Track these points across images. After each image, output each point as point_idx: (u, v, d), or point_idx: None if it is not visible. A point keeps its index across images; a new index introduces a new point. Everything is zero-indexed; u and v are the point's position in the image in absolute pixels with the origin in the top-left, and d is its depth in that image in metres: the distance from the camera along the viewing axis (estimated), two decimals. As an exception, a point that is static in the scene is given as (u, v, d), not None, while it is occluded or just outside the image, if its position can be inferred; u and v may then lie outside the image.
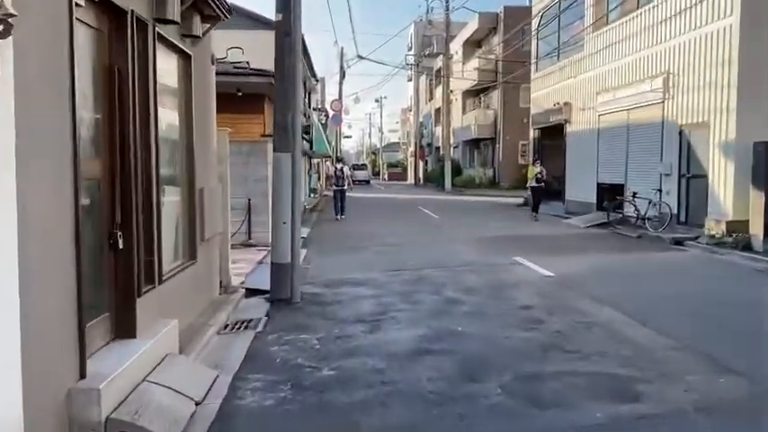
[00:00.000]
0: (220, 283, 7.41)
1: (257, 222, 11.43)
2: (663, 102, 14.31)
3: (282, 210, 7.07)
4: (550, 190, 24.00)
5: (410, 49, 59.05)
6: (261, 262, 9.71)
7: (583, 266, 9.45)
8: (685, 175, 13.57)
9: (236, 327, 6.12)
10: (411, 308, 6.59)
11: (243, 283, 8.06)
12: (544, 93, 22.48)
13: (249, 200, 11.32)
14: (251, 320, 6.32)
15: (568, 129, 20.28)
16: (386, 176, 75.84)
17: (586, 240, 13.20)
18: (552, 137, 22.79)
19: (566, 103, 20.18)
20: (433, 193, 36.23)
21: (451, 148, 38.94)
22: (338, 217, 18.87)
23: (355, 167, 57.60)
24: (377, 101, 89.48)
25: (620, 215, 15.83)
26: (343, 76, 33.44)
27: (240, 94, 17.13)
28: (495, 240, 12.87)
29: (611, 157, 17.14)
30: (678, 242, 12.39)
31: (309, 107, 30.78)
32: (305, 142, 24.71)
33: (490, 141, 36.45)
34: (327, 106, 32.90)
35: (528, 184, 18.58)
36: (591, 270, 9.17)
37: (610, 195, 17.35)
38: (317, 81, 32.68)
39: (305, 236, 13.70)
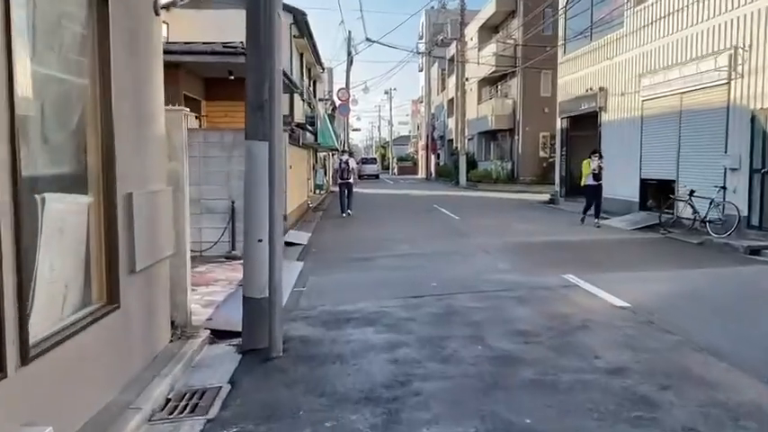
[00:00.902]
0: (173, 324, 5.31)
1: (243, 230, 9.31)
2: (729, 82, 12.03)
3: (257, 221, 4.96)
4: (577, 184, 21.81)
5: (421, 38, 56.80)
6: (243, 284, 7.61)
7: (658, 289, 7.26)
8: (760, 169, 11.30)
9: (182, 405, 4.01)
10: (444, 371, 4.43)
11: (209, 319, 5.94)
12: (574, 77, 20.21)
13: (233, 202, 9.22)
14: (205, 392, 4.21)
15: (603, 117, 18.00)
16: (395, 171, 73.76)
17: (640, 249, 10.99)
18: (583, 127, 20.50)
19: (601, 89, 17.91)
20: (446, 188, 34.01)
21: (466, 141, 36.72)
22: (344, 214, 17.29)
23: (364, 161, 55.63)
24: (386, 92, 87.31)
25: (672, 216, 13.60)
26: (350, 62, 31.27)
27: (232, 77, 15.07)
28: (532, 248, 10.69)
29: (659, 148, 14.88)
30: (755, 251, 10.16)
31: (315, 97, 28.66)
32: (308, 134, 22.61)
33: (508, 133, 34.17)
34: (335, 97, 30.74)
35: (583, 182, 15.32)
36: (672, 296, 6.98)
37: (656, 193, 15.15)
38: (323, 69, 30.54)
39: (304, 242, 11.61)
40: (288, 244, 11.48)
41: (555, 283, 7.58)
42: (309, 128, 22.50)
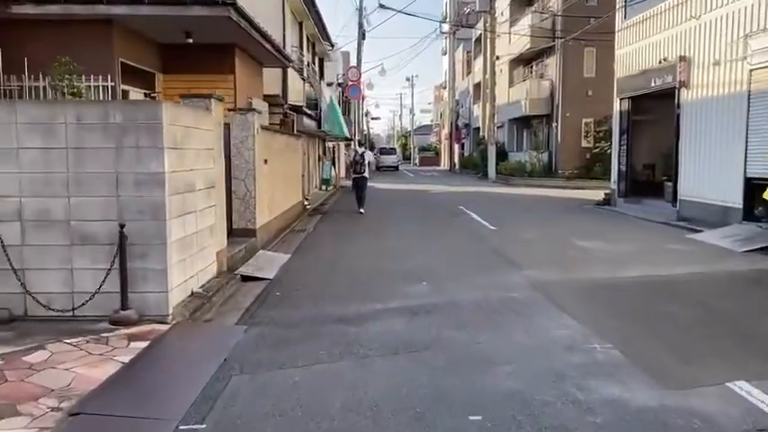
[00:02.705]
0: None
1: (142, 271, 5.47)
2: None
3: None
4: (640, 180, 17.66)
5: (445, 18, 52.47)
6: (106, 387, 3.76)
7: None
8: None
9: None
10: None
11: None
12: (639, 47, 15.97)
13: (122, 226, 5.35)
14: None
15: (684, 95, 13.77)
16: (417, 161, 69.91)
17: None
18: (651, 109, 16.34)
19: (681, 58, 13.67)
20: (473, 182, 29.94)
21: (495, 129, 32.50)
22: (361, 210, 15.65)
23: (382, 152, 51.83)
24: (408, 79, 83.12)
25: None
26: (362, 36, 27.11)
27: (191, 41, 11.23)
28: (626, 296, 6.67)
29: (778, 135, 10.71)
30: None
31: (322, 78, 24.75)
32: (307, 120, 18.72)
33: (545, 119, 29.88)
34: (347, 79, 26.71)
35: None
36: None
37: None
38: (332, 46, 26.52)
39: (270, 276, 7.76)
40: (246, 279, 7.66)
41: (732, 417, 3.57)
42: (309, 112, 18.62)
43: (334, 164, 25.86)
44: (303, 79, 19.31)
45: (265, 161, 10.33)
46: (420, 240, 10.90)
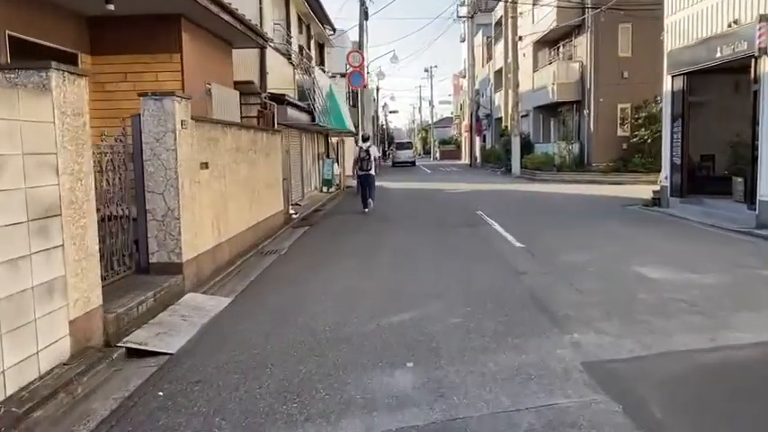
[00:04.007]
0: None
1: None
2: None
3: None
4: (697, 175, 14.61)
5: (463, 2, 49.33)
6: None
7: None
8: None
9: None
10: None
11: None
12: (698, 10, 12.87)
13: None
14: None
15: (766, 67, 10.68)
16: (437, 155, 67.09)
17: None
18: (711, 87, 13.28)
19: (762, 18, 10.56)
20: (495, 178, 26.97)
21: (519, 118, 29.41)
22: (366, 209, 14.90)
23: (398, 147, 49.20)
24: (426, 70, 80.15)
25: None
26: (365, 15, 24.07)
27: (112, 7, 8.51)
28: (752, 398, 3.77)
29: None
30: None
31: (321, 66, 21.97)
32: (299, 112, 15.98)
33: (574, 106, 26.72)
34: (348, 63, 23.85)
35: None
36: None
37: None
38: (333, 31, 23.72)
39: (171, 352, 5.03)
40: (132, 353, 4.96)
41: None
42: (300, 104, 15.86)
43: (337, 161, 23.09)
44: (292, 65, 16.57)
45: (205, 165, 7.59)
46: (417, 269, 8.06)
